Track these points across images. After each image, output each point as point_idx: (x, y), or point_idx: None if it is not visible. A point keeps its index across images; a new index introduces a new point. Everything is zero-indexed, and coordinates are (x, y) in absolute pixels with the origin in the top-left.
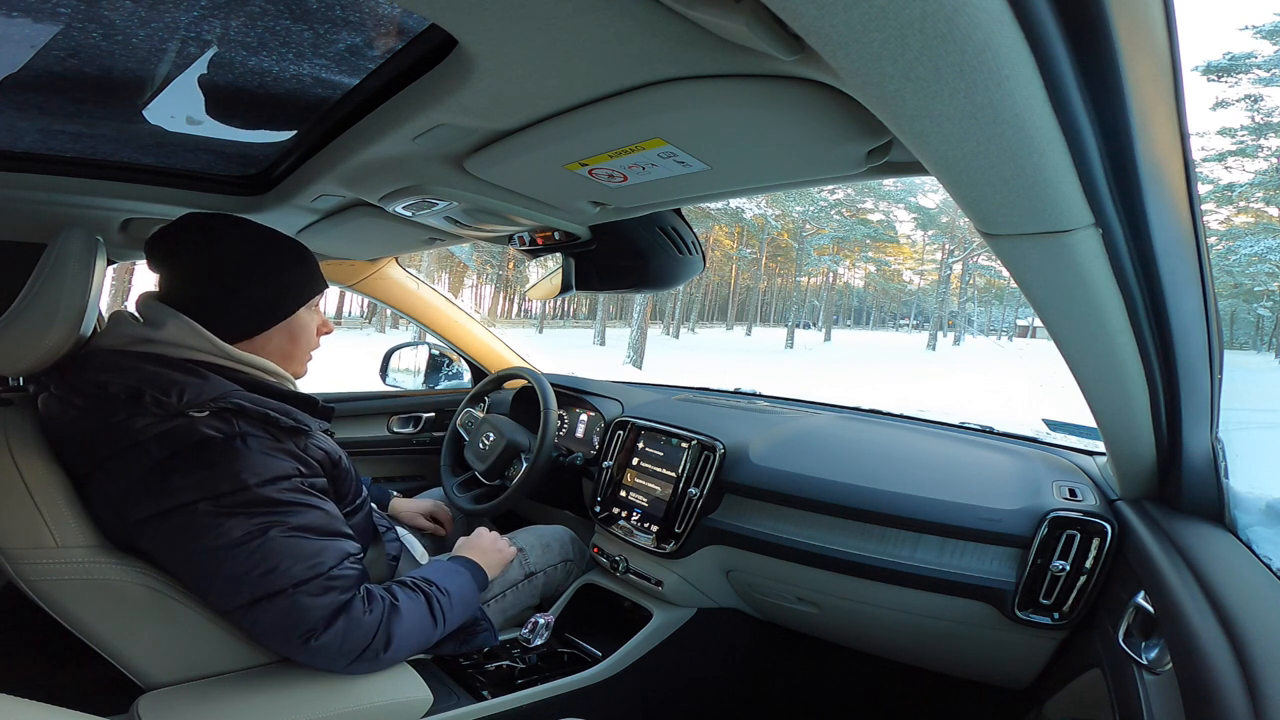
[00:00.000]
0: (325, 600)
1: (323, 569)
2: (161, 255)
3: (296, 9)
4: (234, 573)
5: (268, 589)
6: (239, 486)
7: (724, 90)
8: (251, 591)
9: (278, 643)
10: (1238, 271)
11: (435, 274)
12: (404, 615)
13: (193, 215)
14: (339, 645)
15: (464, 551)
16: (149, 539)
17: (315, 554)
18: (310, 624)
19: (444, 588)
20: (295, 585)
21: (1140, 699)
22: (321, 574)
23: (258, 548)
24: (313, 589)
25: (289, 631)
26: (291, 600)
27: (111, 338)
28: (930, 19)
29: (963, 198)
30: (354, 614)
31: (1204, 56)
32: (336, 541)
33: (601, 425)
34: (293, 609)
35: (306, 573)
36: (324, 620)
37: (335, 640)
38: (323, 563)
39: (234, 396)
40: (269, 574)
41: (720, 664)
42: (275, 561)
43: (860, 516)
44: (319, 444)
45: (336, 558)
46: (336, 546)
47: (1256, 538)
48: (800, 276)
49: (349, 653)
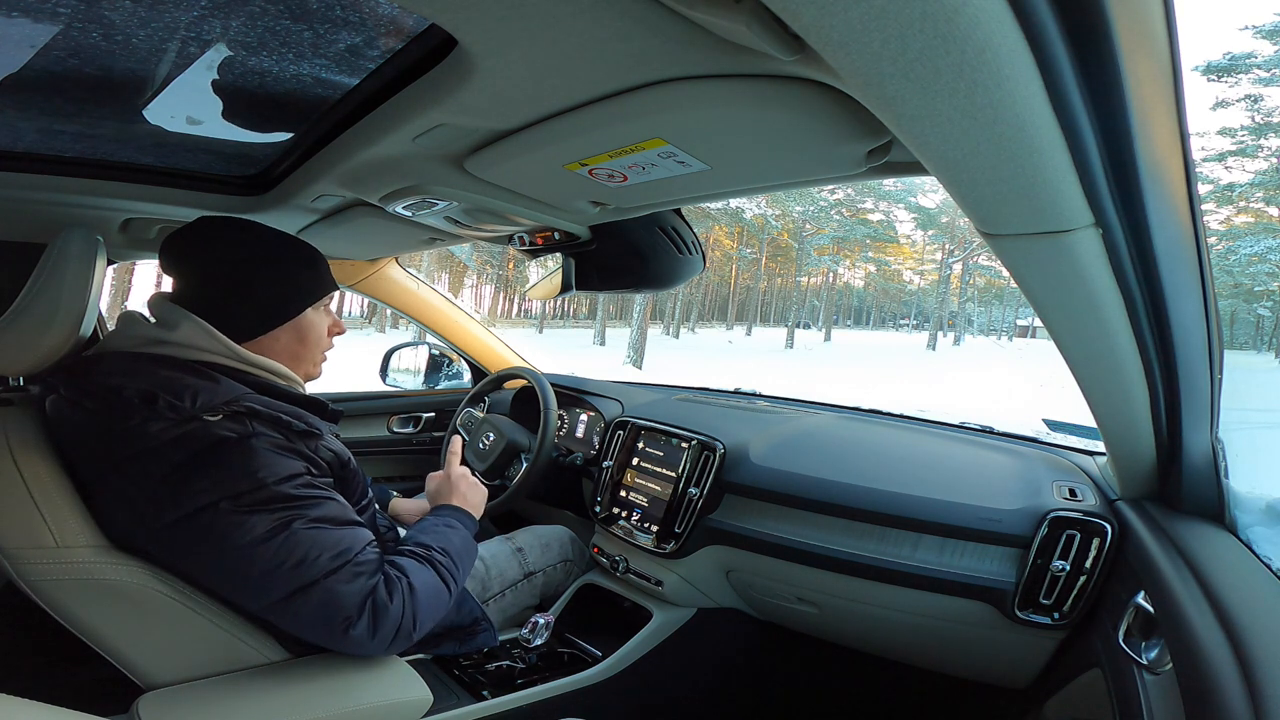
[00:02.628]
0: (356, 586)
1: (349, 556)
2: (174, 257)
3: (296, 9)
4: (266, 568)
5: (301, 580)
6: (256, 485)
7: (724, 90)
8: (286, 585)
9: (319, 634)
10: (1238, 271)
11: (435, 274)
12: (421, 594)
13: (205, 218)
14: (373, 631)
15: (443, 499)
16: (175, 544)
17: (338, 542)
18: (347, 611)
19: (442, 549)
20: (326, 574)
21: (1140, 699)
22: (349, 561)
23: (284, 541)
24: (344, 576)
25: (330, 621)
26: (326, 589)
27: (123, 339)
28: (930, 19)
29: (963, 198)
30: (379, 600)
31: (1204, 56)
32: (355, 530)
33: (601, 425)
34: (329, 598)
35: (335, 561)
36: (358, 607)
37: (368, 628)
38: (349, 549)
39: (246, 399)
40: (300, 565)
41: (720, 664)
42: (304, 552)
43: (860, 516)
44: (329, 445)
45: (359, 544)
46: (356, 534)
47: (1256, 538)
48: (800, 276)
49: (384, 638)
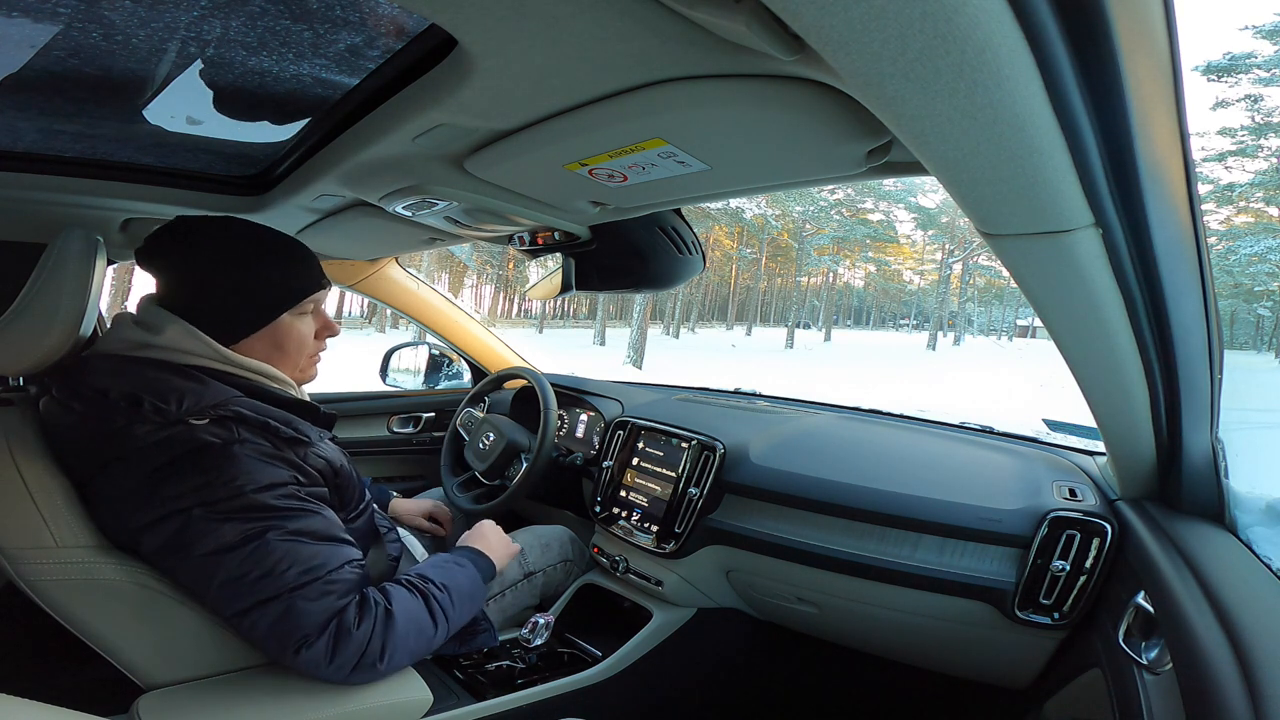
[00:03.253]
0: (321, 605)
1: (320, 573)
2: (150, 259)
3: (296, 9)
4: (230, 577)
5: (264, 593)
6: (234, 493)
7: (724, 90)
8: (248, 597)
9: (273, 650)
10: (1238, 271)
11: (435, 274)
12: (399, 623)
13: (181, 218)
14: (330, 656)
15: (470, 543)
16: (148, 545)
17: (312, 558)
18: (304, 630)
19: (442, 584)
20: (292, 589)
21: (1140, 699)
22: (319, 578)
23: (253, 550)
24: (310, 594)
25: (283, 638)
26: (288, 605)
27: (111, 343)
28: (930, 19)
29: (963, 198)
30: (345, 623)
31: (1204, 56)
32: (335, 547)
33: (601, 425)
34: (288, 614)
35: (303, 577)
36: (317, 628)
37: (325, 651)
38: (321, 565)
39: (234, 404)
40: (264, 578)
41: (720, 664)
42: (271, 565)
43: (860, 516)
44: (319, 453)
45: (336, 562)
46: (335, 551)
47: (1256, 538)
48: (800, 276)
49: (343, 665)
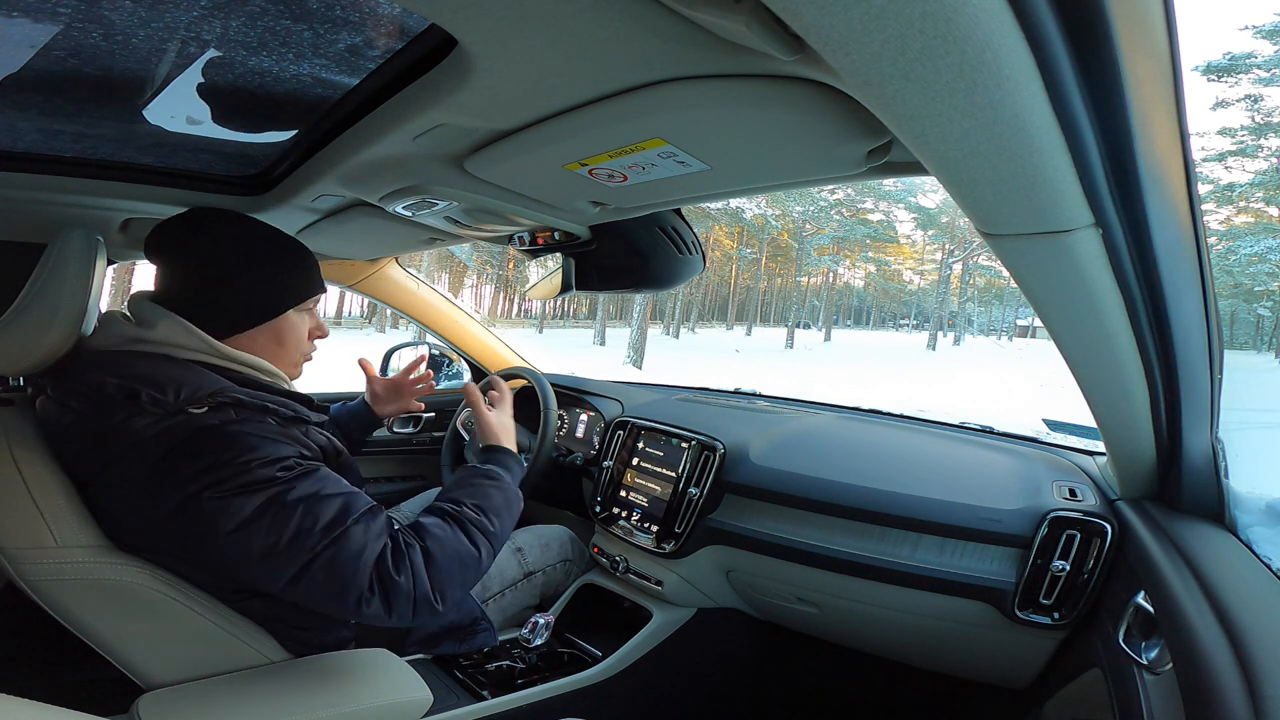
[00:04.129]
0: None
1: (346, 521)
2: (159, 248)
3: (296, 9)
4: (264, 548)
5: (301, 556)
6: (238, 469)
7: (724, 90)
8: (289, 565)
9: (339, 611)
10: (1238, 271)
11: (435, 274)
12: (439, 561)
13: (196, 209)
14: (388, 609)
15: (491, 440)
16: (173, 541)
17: (333, 509)
18: (357, 585)
19: (475, 505)
20: (325, 545)
21: (1140, 699)
22: (347, 526)
23: (274, 517)
24: (345, 544)
25: (342, 597)
26: (329, 561)
27: (103, 339)
28: (930, 19)
29: (963, 198)
30: (388, 574)
31: (1204, 56)
32: (352, 495)
33: (601, 425)
34: (333, 571)
35: (332, 529)
36: (367, 579)
37: (382, 604)
38: (343, 514)
39: (231, 391)
40: (295, 539)
41: (720, 664)
42: (296, 525)
43: (860, 516)
44: (320, 432)
45: (357, 508)
46: (353, 498)
47: (1256, 538)
48: (800, 276)
49: (403, 614)
